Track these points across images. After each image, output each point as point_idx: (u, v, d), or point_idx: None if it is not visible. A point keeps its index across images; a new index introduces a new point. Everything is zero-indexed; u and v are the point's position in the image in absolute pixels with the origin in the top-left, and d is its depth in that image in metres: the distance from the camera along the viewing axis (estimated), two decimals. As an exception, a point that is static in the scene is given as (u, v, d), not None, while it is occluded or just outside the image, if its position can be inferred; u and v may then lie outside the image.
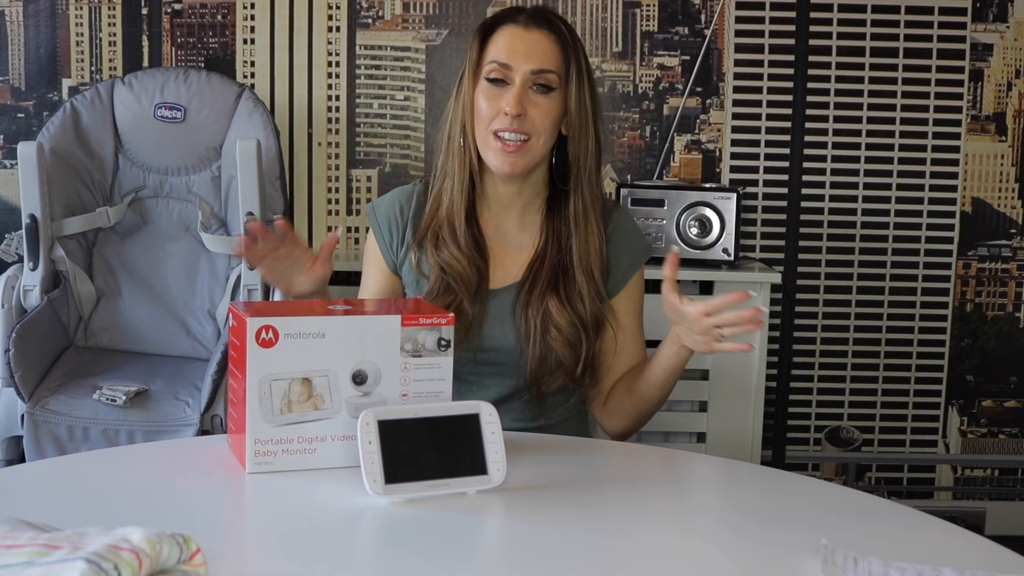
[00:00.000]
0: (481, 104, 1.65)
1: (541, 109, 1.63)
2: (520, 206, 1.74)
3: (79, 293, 2.58)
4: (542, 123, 1.64)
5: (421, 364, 1.33)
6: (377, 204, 1.79)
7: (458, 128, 1.69)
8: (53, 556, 0.80)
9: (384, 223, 1.76)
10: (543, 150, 1.67)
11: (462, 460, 1.24)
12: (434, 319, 1.33)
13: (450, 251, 1.69)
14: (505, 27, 1.66)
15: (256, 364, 1.26)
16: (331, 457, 1.30)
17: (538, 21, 1.66)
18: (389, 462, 1.20)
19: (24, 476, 1.34)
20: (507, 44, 1.64)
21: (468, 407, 1.28)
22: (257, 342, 1.26)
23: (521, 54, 1.63)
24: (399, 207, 1.76)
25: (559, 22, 1.67)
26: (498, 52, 1.64)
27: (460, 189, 1.69)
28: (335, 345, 1.29)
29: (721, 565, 1.09)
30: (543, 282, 1.69)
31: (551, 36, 1.65)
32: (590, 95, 1.68)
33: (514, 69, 1.63)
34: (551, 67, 1.64)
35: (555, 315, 1.67)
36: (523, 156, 1.64)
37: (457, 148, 1.70)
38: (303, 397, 1.28)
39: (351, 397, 1.30)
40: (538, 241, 1.73)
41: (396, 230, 1.75)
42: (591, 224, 1.70)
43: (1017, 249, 3.10)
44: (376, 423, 1.22)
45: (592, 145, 1.69)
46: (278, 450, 1.28)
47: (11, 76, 2.91)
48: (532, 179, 1.71)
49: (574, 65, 1.65)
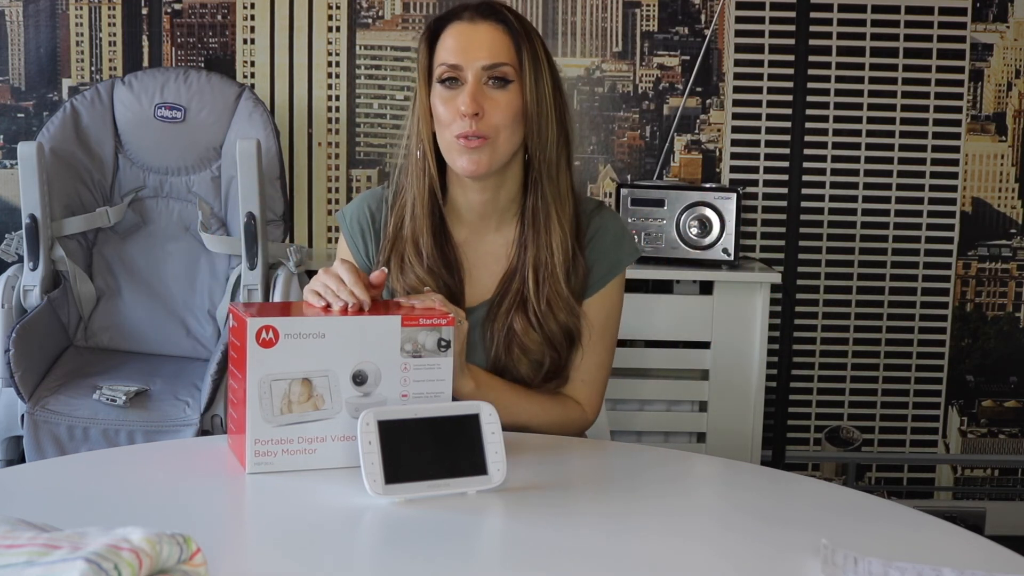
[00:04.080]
0: (439, 108, 1.56)
1: (499, 104, 1.54)
2: (496, 214, 1.64)
3: (79, 293, 2.58)
4: (502, 119, 1.54)
5: (421, 365, 1.32)
6: (347, 209, 1.70)
7: (415, 141, 1.60)
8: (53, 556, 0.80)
9: (356, 230, 1.67)
10: (506, 146, 1.56)
11: (462, 460, 1.24)
12: (434, 320, 1.33)
13: (415, 273, 1.59)
14: (451, 26, 1.58)
15: (256, 364, 1.26)
16: (331, 457, 1.29)
17: (484, 13, 1.57)
18: (389, 462, 1.20)
19: (24, 476, 1.34)
20: (454, 43, 1.55)
21: (468, 407, 1.28)
22: (257, 342, 1.25)
23: (470, 51, 1.54)
24: (369, 212, 1.67)
25: (506, 12, 1.58)
26: (447, 54, 1.56)
27: (422, 205, 1.60)
28: (335, 345, 1.28)
29: (721, 565, 1.09)
30: (511, 297, 1.60)
31: (499, 27, 1.56)
32: (550, 84, 1.57)
33: (465, 68, 1.54)
34: (503, 59, 1.54)
35: (520, 335, 1.58)
36: (486, 153, 1.54)
37: (415, 162, 1.60)
38: (303, 397, 1.28)
39: (351, 397, 1.30)
40: (512, 252, 1.63)
41: (369, 235, 1.66)
42: (552, 223, 1.59)
43: (1017, 249, 3.10)
44: (376, 423, 1.22)
45: (553, 137, 1.58)
46: (278, 450, 1.28)
47: (11, 76, 2.91)
48: (506, 183, 1.62)
49: (527, 54, 1.55)
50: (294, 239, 2.94)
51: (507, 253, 1.64)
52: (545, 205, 1.59)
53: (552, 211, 1.59)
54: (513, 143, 1.57)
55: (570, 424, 1.64)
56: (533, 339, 1.58)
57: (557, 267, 1.59)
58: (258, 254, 2.48)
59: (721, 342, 2.68)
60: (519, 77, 1.55)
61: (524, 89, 1.55)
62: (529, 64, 1.55)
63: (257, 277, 2.48)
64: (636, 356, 2.70)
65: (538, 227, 1.60)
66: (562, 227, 1.59)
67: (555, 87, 1.59)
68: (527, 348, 1.58)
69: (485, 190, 1.61)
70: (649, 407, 2.73)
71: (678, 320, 2.69)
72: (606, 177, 3.01)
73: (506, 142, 1.56)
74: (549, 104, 1.57)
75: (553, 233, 1.59)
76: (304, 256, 2.57)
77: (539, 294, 1.59)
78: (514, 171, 1.62)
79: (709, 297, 2.69)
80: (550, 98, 1.57)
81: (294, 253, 2.53)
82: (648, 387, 2.72)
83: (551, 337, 1.59)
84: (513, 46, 1.55)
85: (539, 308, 1.58)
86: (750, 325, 2.67)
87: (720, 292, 2.68)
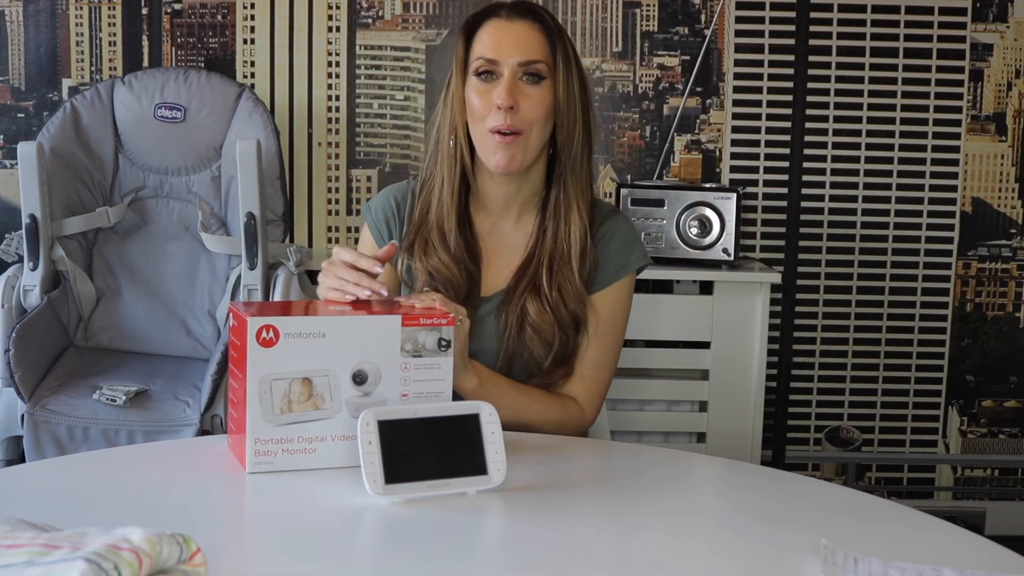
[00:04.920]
0: (473, 100, 1.62)
1: (532, 100, 1.60)
2: (518, 205, 1.70)
3: (79, 293, 2.58)
4: (535, 114, 1.60)
5: (421, 364, 1.32)
6: (372, 201, 1.76)
7: (447, 130, 1.66)
8: (53, 556, 0.80)
9: (381, 220, 1.73)
10: (538, 141, 1.63)
11: (462, 460, 1.24)
12: (435, 319, 1.33)
13: (439, 257, 1.65)
14: (488, 22, 1.64)
15: (257, 364, 1.26)
16: (331, 457, 1.29)
17: (521, 12, 1.64)
18: (389, 462, 1.20)
19: (24, 476, 1.34)
20: (492, 38, 1.62)
21: (468, 407, 1.28)
22: (258, 342, 1.25)
23: (507, 47, 1.61)
24: (395, 202, 1.73)
25: (542, 11, 1.65)
26: (484, 48, 1.62)
27: (451, 193, 1.66)
28: (336, 345, 1.28)
29: (721, 565, 1.09)
30: (525, 282, 1.65)
31: (535, 26, 1.63)
32: (579, 83, 1.65)
33: (501, 63, 1.61)
34: (538, 56, 1.61)
35: (533, 315, 1.63)
36: (520, 149, 1.60)
37: (447, 151, 1.66)
38: (303, 397, 1.28)
39: (351, 397, 1.30)
40: (531, 242, 1.69)
41: (394, 226, 1.72)
42: (572, 214, 1.65)
43: (1017, 249, 3.10)
44: (376, 423, 1.22)
45: (579, 133, 1.65)
46: (278, 450, 1.28)
47: (11, 76, 2.91)
48: (531, 176, 1.68)
49: (560, 53, 1.62)
50: (294, 239, 2.94)
51: (526, 243, 1.69)
52: (567, 198, 1.66)
53: (574, 203, 1.66)
54: (543, 138, 1.64)
55: (568, 423, 1.66)
56: (546, 320, 1.63)
57: (573, 257, 1.65)
58: (258, 254, 2.48)
59: (721, 342, 2.68)
60: (551, 74, 1.62)
61: (556, 86, 1.62)
62: (562, 62, 1.62)
63: (257, 277, 2.48)
64: (636, 356, 2.69)
65: (559, 218, 1.66)
66: (581, 218, 1.66)
67: (583, 85, 1.66)
68: (539, 328, 1.63)
69: (511, 183, 1.67)
70: (649, 407, 2.73)
71: (678, 320, 2.69)
72: (606, 177, 3.01)
73: (537, 136, 1.62)
74: (577, 101, 1.64)
75: (573, 224, 1.66)
76: (304, 256, 2.57)
77: (551, 281, 1.64)
78: (539, 165, 1.68)
79: (709, 297, 2.69)
80: (578, 95, 1.64)
81: (294, 253, 2.53)
82: (648, 387, 2.72)
83: (561, 321, 1.64)
84: (548, 44, 1.62)
85: (551, 295, 1.64)
86: (750, 325, 2.67)
87: (720, 292, 2.68)
